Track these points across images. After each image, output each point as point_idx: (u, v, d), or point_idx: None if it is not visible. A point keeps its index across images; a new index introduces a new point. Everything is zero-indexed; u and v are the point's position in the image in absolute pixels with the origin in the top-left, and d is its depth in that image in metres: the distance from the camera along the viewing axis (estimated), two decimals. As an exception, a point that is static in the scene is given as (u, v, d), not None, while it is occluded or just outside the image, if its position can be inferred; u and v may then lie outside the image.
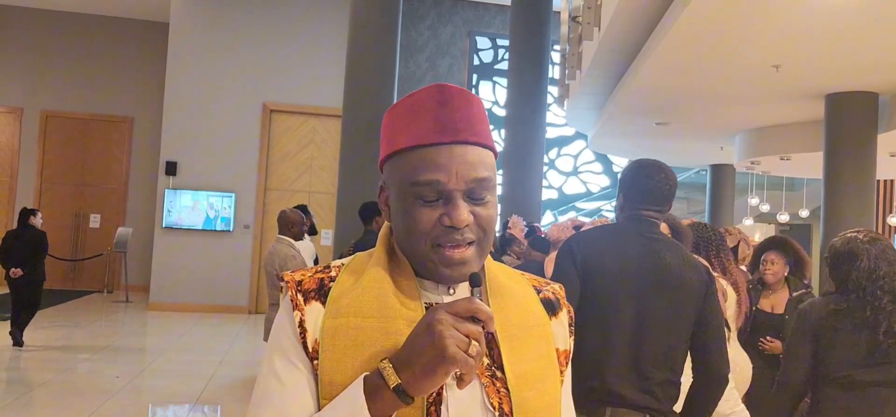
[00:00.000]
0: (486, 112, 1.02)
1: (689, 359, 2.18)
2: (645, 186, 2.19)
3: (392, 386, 0.85)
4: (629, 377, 2.05)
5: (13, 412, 5.26)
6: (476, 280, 0.90)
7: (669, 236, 2.46)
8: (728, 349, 2.22)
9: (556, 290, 1.08)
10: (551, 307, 1.05)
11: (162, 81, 11.76)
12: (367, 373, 0.89)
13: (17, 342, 7.34)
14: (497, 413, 0.93)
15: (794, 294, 4.20)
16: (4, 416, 5.15)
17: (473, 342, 0.83)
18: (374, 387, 0.87)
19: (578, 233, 2.33)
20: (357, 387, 0.88)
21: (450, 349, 0.82)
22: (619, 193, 2.29)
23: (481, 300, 0.87)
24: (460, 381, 0.87)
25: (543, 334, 1.01)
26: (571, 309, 1.09)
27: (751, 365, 3.64)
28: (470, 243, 0.94)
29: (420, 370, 0.84)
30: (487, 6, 12.78)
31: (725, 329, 2.29)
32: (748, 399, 3.37)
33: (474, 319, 0.85)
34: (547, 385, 0.98)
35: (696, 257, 2.23)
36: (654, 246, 2.15)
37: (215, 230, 11.22)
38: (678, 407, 2.19)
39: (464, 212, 0.93)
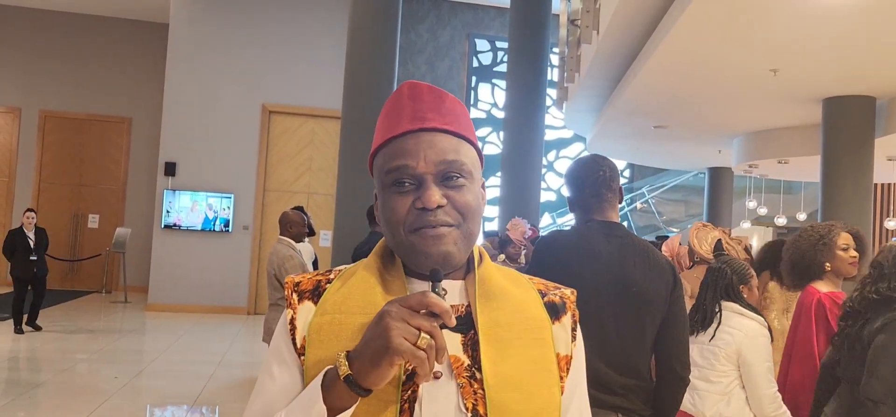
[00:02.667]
0: (478, 112, 1.05)
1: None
2: (582, 177, 2.23)
3: (342, 376, 0.86)
4: (593, 382, 2.05)
5: (11, 412, 5.27)
6: (436, 276, 0.89)
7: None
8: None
9: (566, 294, 1.07)
10: (555, 311, 1.04)
11: (161, 81, 11.76)
12: (330, 366, 0.90)
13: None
14: (470, 415, 0.92)
15: None
16: None
17: (424, 335, 0.83)
18: (331, 378, 0.88)
19: (552, 235, 2.32)
20: (317, 379, 0.90)
21: (394, 340, 0.82)
22: (569, 190, 2.31)
23: (441, 295, 0.87)
24: (416, 376, 0.88)
25: (540, 338, 1.00)
26: (578, 314, 1.07)
27: None
28: (448, 226, 0.95)
29: (367, 360, 0.85)
30: (486, 9, 12.80)
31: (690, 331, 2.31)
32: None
33: (432, 314, 0.85)
34: (539, 390, 0.97)
35: (662, 256, 2.21)
36: (619, 256, 2.14)
37: (214, 231, 11.22)
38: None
39: (434, 193, 0.95)
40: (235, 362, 7.53)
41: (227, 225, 11.25)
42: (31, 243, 8.42)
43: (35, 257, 8.40)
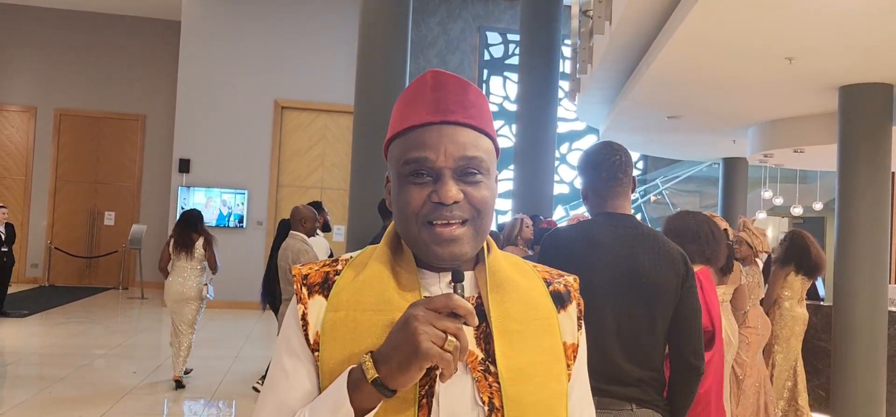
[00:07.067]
0: (490, 105, 1.03)
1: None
2: (596, 161, 2.21)
3: (370, 380, 0.87)
4: (607, 375, 2.05)
5: (32, 408, 5.34)
6: (458, 276, 0.89)
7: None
8: None
9: (570, 282, 1.07)
10: (560, 300, 1.04)
11: (174, 78, 11.84)
12: (353, 366, 0.90)
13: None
14: (486, 408, 0.93)
15: None
16: (23, 412, 5.23)
17: (450, 337, 0.84)
18: (356, 380, 0.88)
19: (557, 231, 2.30)
20: (342, 380, 0.90)
21: (423, 344, 0.83)
22: (582, 177, 2.29)
23: (463, 295, 0.87)
24: (441, 375, 0.88)
25: (548, 327, 1.00)
26: (582, 302, 1.07)
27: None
28: (462, 222, 0.94)
29: (396, 364, 0.85)
30: (497, 1, 12.76)
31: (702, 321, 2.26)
32: None
33: (454, 315, 0.85)
34: (549, 380, 0.97)
35: (673, 246, 2.19)
36: (628, 247, 2.12)
37: (228, 227, 11.29)
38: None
39: (451, 188, 0.93)
40: (251, 356, 7.58)
41: (241, 221, 11.32)
42: (2, 237, 9.39)
43: (6, 249, 9.44)
